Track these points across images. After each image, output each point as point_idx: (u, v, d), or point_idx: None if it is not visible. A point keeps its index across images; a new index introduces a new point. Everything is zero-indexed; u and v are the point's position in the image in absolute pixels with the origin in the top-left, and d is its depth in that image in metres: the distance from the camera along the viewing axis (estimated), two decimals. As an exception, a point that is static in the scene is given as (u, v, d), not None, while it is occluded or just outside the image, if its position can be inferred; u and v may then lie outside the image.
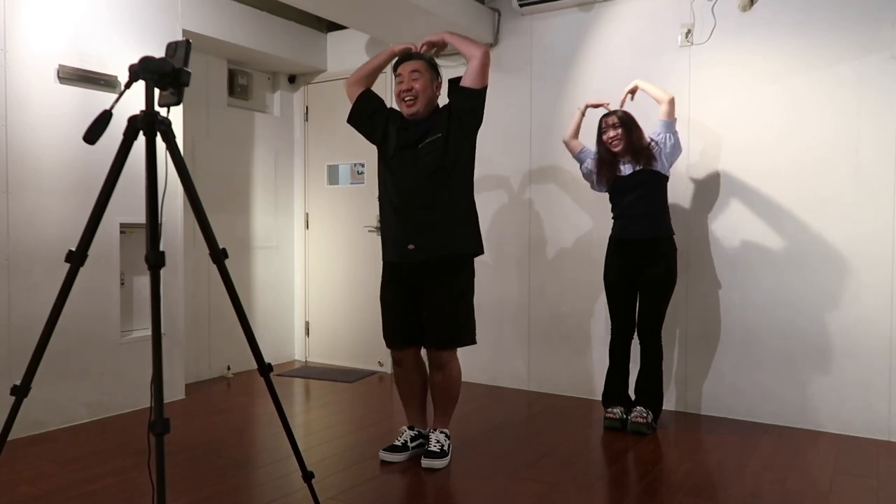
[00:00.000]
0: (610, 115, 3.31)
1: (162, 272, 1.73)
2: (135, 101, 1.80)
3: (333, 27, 4.86)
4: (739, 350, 3.53)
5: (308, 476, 2.04)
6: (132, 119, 1.68)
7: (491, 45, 4.24)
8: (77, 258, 1.68)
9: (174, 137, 1.74)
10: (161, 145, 1.68)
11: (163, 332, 1.91)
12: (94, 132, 1.62)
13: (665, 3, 3.71)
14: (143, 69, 1.64)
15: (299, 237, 5.10)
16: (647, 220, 3.26)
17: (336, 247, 4.93)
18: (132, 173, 2.11)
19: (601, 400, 3.49)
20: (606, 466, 2.93)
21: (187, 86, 1.72)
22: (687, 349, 3.68)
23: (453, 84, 2.81)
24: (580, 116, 3.51)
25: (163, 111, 1.71)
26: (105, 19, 3.47)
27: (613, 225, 3.38)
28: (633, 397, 3.40)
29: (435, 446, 2.82)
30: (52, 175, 3.25)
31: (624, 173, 3.28)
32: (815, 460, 2.92)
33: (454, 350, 2.84)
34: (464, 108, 2.77)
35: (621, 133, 3.23)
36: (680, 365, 3.69)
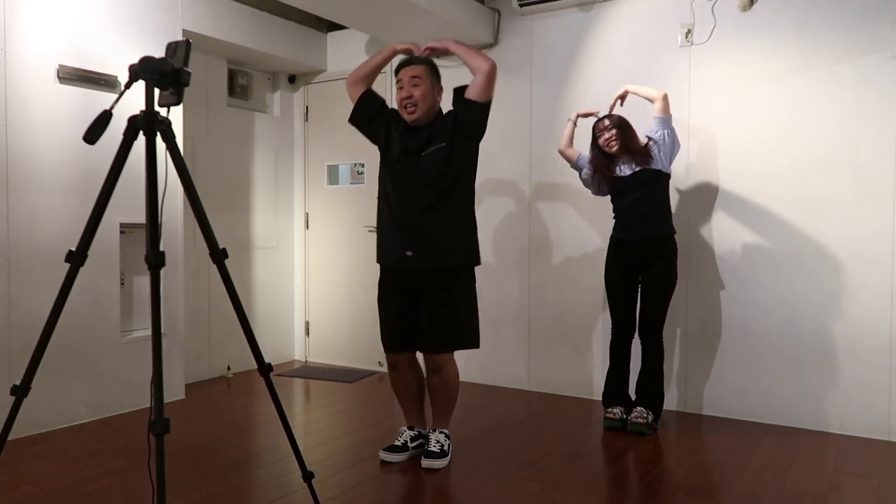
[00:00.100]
0: (604, 118, 3.32)
1: (162, 272, 1.73)
2: (135, 101, 1.80)
3: (333, 27, 4.86)
4: (739, 350, 3.53)
5: (308, 476, 2.04)
6: (132, 119, 1.68)
7: (491, 45, 4.24)
8: (77, 258, 1.68)
9: (174, 137, 1.74)
10: (161, 145, 1.68)
11: (163, 332, 1.91)
12: (94, 132, 1.62)
13: (665, 3, 3.71)
14: (143, 69, 1.64)
15: (299, 237, 5.10)
16: (647, 221, 3.26)
17: (336, 247, 4.93)
18: (132, 173, 2.11)
19: (601, 400, 3.50)
20: (606, 466, 2.93)
21: (187, 86, 1.72)
22: (687, 349, 3.68)
23: (458, 94, 2.79)
24: (572, 126, 3.53)
25: (163, 111, 1.71)
26: (105, 19, 3.47)
27: (614, 225, 3.38)
28: (634, 397, 3.41)
29: (435, 446, 2.82)
30: (52, 175, 3.25)
31: (624, 174, 3.28)
32: (815, 460, 2.92)
33: (452, 353, 2.84)
34: (468, 120, 2.75)
35: (616, 133, 3.24)
36: (680, 365, 3.69)
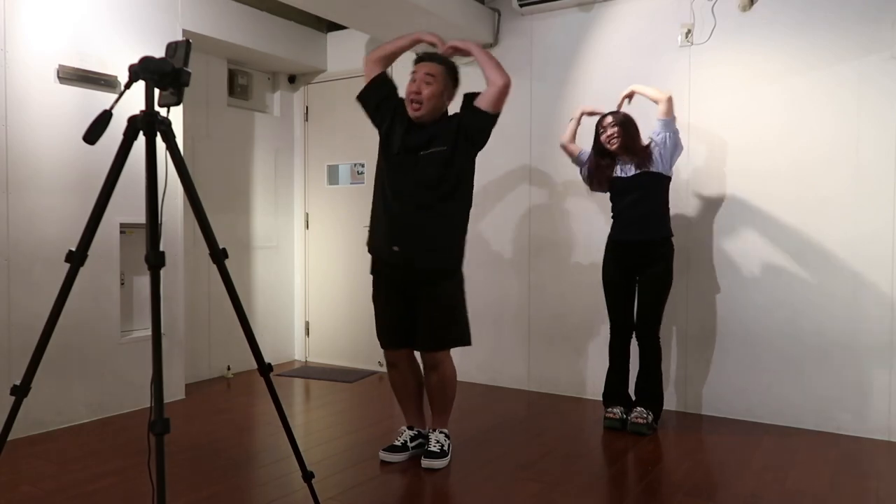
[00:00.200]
0: (608, 115, 3.32)
1: (162, 272, 1.73)
2: (135, 101, 1.80)
3: (333, 27, 4.86)
4: (739, 350, 3.53)
5: (308, 476, 2.04)
6: (132, 119, 1.68)
7: (491, 45, 4.24)
8: (77, 258, 1.68)
9: (174, 137, 1.74)
10: (161, 145, 1.68)
11: (163, 332, 1.91)
12: (94, 132, 1.62)
13: (665, 3, 3.71)
14: (143, 69, 1.64)
15: (299, 237, 5.10)
16: (645, 222, 3.25)
17: (336, 247, 4.93)
18: (132, 173, 2.11)
19: (602, 400, 3.50)
20: (606, 466, 2.93)
21: (187, 86, 1.71)
22: (687, 349, 3.68)
23: (468, 99, 2.78)
24: (576, 122, 3.53)
25: (163, 111, 1.71)
26: (105, 19, 3.47)
27: (612, 225, 3.38)
28: (634, 397, 3.41)
29: (435, 446, 2.82)
30: (52, 175, 3.25)
31: (625, 175, 3.28)
32: (815, 460, 2.92)
33: (447, 351, 2.84)
34: (473, 128, 2.74)
35: (618, 131, 3.24)
36: (680, 365, 3.69)
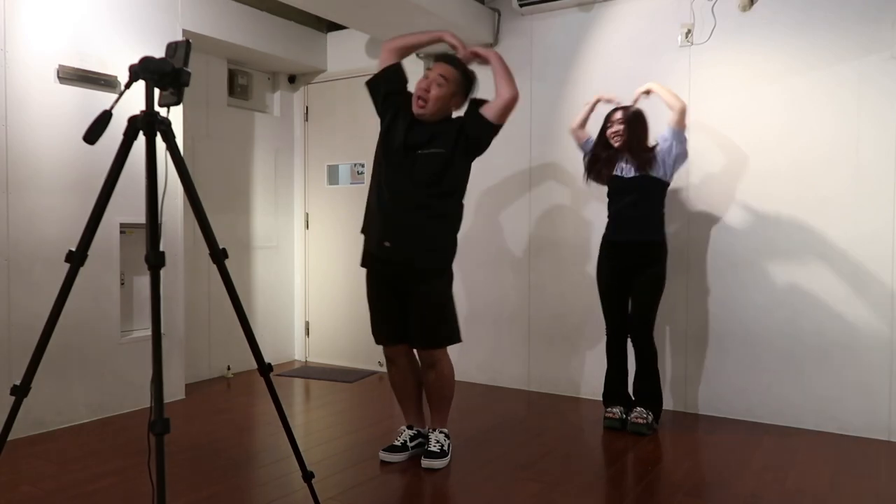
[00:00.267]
0: (619, 109, 3.30)
1: (162, 272, 1.73)
2: (135, 101, 1.80)
3: (333, 27, 4.86)
4: (739, 350, 3.53)
5: (308, 476, 2.04)
6: (132, 119, 1.68)
7: (491, 46, 4.24)
8: (77, 258, 1.68)
9: (174, 137, 1.74)
10: (161, 145, 1.68)
11: (163, 332, 1.91)
12: (94, 132, 1.62)
13: (665, 3, 3.71)
14: (143, 69, 1.64)
15: (299, 237, 5.10)
16: (640, 225, 3.25)
17: (336, 247, 4.93)
18: (132, 173, 2.11)
19: (601, 400, 3.49)
20: (606, 466, 2.93)
21: (187, 86, 1.72)
22: (687, 349, 3.68)
23: (473, 105, 2.77)
24: (589, 109, 3.49)
25: (163, 111, 1.71)
26: (105, 19, 3.47)
27: (608, 225, 3.37)
28: (633, 397, 3.41)
29: (435, 446, 2.82)
30: (52, 175, 3.25)
31: (624, 175, 3.27)
32: (815, 460, 2.92)
33: (444, 349, 2.83)
34: (474, 135, 2.74)
35: (624, 129, 3.23)
36: (680, 365, 3.69)
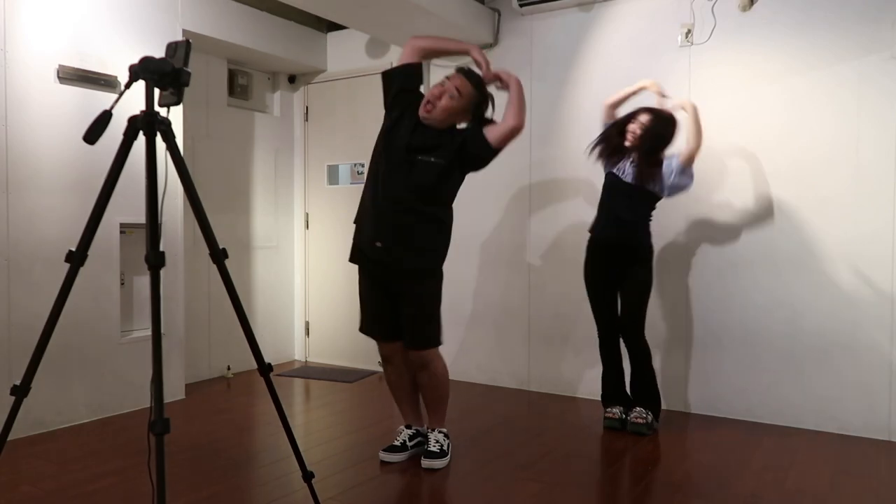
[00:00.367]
0: (650, 112, 3.16)
1: (162, 272, 1.73)
2: (135, 101, 1.80)
3: (333, 27, 4.86)
4: (739, 350, 3.53)
5: (308, 476, 2.04)
6: (132, 119, 1.68)
7: (491, 45, 4.24)
8: (77, 258, 1.68)
9: (174, 137, 1.74)
10: (161, 145, 1.68)
11: (163, 332, 1.91)
12: (94, 132, 1.62)
13: (665, 3, 3.71)
14: (143, 69, 1.64)
15: (299, 237, 5.10)
16: (630, 228, 3.25)
17: (336, 247, 4.92)
18: (132, 173, 2.11)
19: (600, 400, 3.49)
20: (606, 466, 2.93)
21: (187, 86, 1.72)
22: (687, 349, 3.68)
23: (478, 124, 2.75)
24: (631, 93, 3.34)
25: (163, 111, 1.71)
26: (105, 19, 3.47)
27: (597, 221, 3.33)
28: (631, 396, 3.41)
29: (434, 446, 2.82)
30: (52, 175, 3.25)
31: (623, 177, 3.22)
32: (815, 460, 2.92)
33: (436, 349, 2.82)
34: (474, 154, 2.73)
35: (640, 136, 3.13)
36: (680, 365, 3.69)
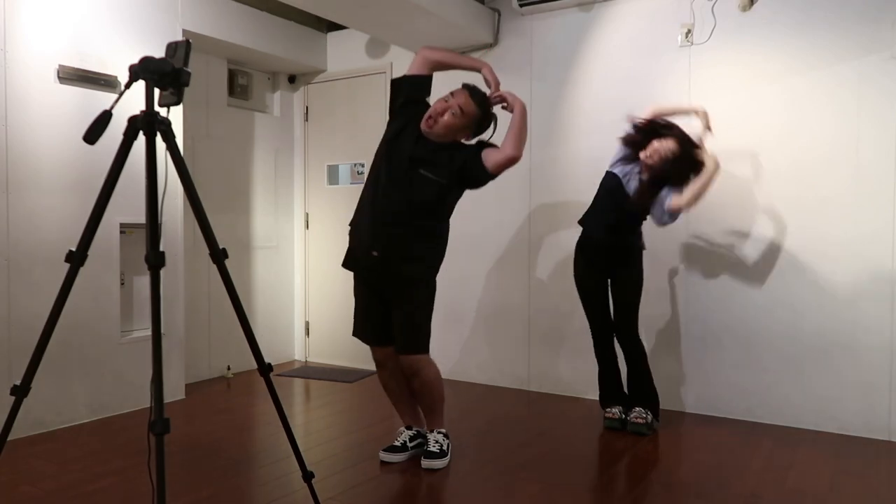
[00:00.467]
0: (681, 147, 3.01)
1: (162, 272, 1.73)
2: (135, 101, 1.80)
3: (333, 27, 4.86)
4: (739, 350, 3.53)
5: (308, 476, 2.04)
6: (132, 119, 1.68)
7: (491, 45, 4.24)
8: (77, 258, 1.68)
9: (174, 137, 1.74)
10: (161, 145, 1.68)
11: (163, 332, 1.91)
12: (94, 132, 1.62)
13: (665, 3, 3.71)
14: (143, 69, 1.64)
15: (299, 237, 5.10)
16: (624, 231, 3.25)
17: (336, 247, 4.91)
18: (132, 173, 2.11)
19: (599, 401, 3.49)
20: (606, 466, 2.93)
21: (187, 86, 1.71)
22: (687, 349, 3.68)
23: (478, 148, 2.74)
24: (681, 111, 3.20)
25: (163, 111, 1.71)
26: (105, 19, 3.47)
27: (589, 219, 3.32)
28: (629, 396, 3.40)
29: (434, 447, 2.82)
30: (52, 175, 3.25)
31: (626, 185, 3.19)
32: (815, 460, 2.92)
33: (426, 355, 2.81)
34: (472, 176, 2.73)
35: (663, 163, 3.01)
36: (680, 365, 3.69)
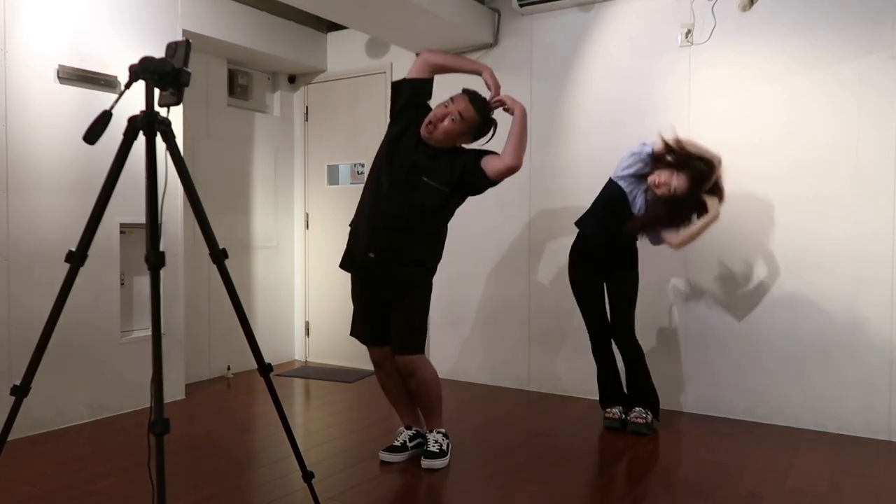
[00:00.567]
0: (690, 187, 2.95)
1: (162, 272, 1.73)
2: (135, 101, 1.80)
3: (333, 27, 4.86)
4: (739, 350, 3.53)
5: (308, 476, 2.04)
6: (132, 119, 1.67)
7: (491, 45, 4.24)
8: (77, 258, 1.68)
9: (174, 137, 1.74)
10: (161, 145, 1.68)
11: (163, 332, 1.91)
12: (94, 132, 1.62)
13: (665, 3, 3.71)
14: (143, 69, 1.64)
15: (299, 237, 5.10)
16: (620, 242, 3.25)
17: (336, 247, 4.87)
18: (132, 173, 2.11)
19: (599, 402, 3.49)
20: (606, 466, 2.93)
21: (187, 86, 1.71)
22: (687, 349, 3.68)
23: (479, 155, 2.73)
24: (708, 156, 3.01)
25: (163, 111, 1.71)
26: (105, 19, 3.47)
27: (588, 225, 3.31)
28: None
29: (434, 447, 2.82)
30: (52, 175, 3.25)
31: (634, 205, 3.17)
32: (815, 460, 2.92)
33: (421, 355, 2.81)
34: (472, 183, 2.73)
35: (671, 197, 2.97)
36: (680, 364, 3.69)
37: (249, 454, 3.02)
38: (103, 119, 1.63)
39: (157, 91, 1.70)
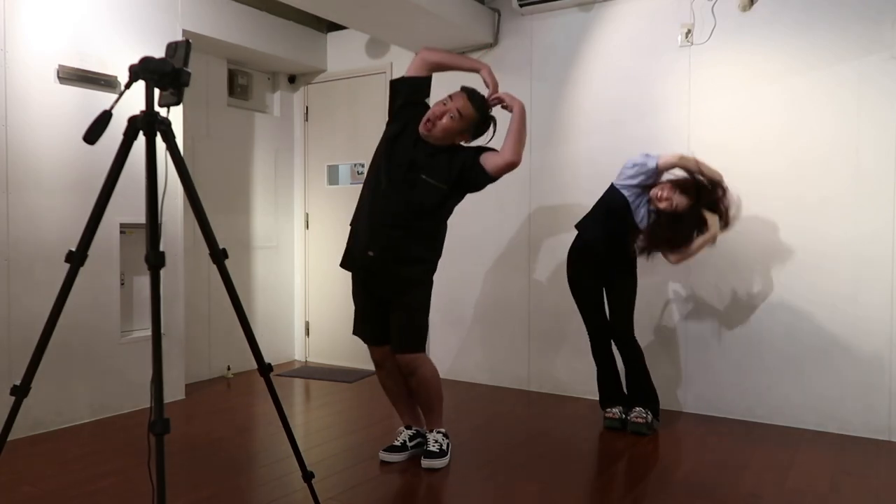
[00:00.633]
0: (691, 207, 3.02)
1: (162, 272, 1.73)
2: (135, 101, 1.80)
3: (333, 27, 4.86)
4: (739, 350, 3.53)
5: (308, 476, 2.04)
6: (132, 119, 1.67)
7: (491, 45, 4.24)
8: (77, 258, 1.68)
9: (174, 137, 1.74)
10: (161, 145, 1.68)
11: (163, 332, 1.91)
12: (94, 132, 1.62)
13: (665, 3, 3.71)
14: (143, 69, 1.64)
15: (299, 237, 5.10)
16: (621, 247, 3.24)
17: (336, 247, 4.88)
18: (132, 173, 2.11)
19: (599, 402, 3.49)
20: (606, 466, 2.93)
21: (187, 86, 1.71)
22: (687, 349, 3.68)
23: (478, 152, 2.73)
24: (682, 165, 3.10)
25: (163, 111, 1.71)
26: (105, 19, 3.47)
27: (588, 229, 3.32)
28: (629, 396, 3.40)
29: (434, 446, 2.82)
30: (52, 175, 3.25)
31: (636, 216, 3.19)
32: (815, 460, 2.92)
33: (422, 353, 2.81)
34: (471, 180, 2.73)
35: (667, 210, 3.04)
36: (680, 365, 3.69)
37: (249, 454, 3.02)
38: (103, 119, 1.63)
39: (157, 91, 1.70)
